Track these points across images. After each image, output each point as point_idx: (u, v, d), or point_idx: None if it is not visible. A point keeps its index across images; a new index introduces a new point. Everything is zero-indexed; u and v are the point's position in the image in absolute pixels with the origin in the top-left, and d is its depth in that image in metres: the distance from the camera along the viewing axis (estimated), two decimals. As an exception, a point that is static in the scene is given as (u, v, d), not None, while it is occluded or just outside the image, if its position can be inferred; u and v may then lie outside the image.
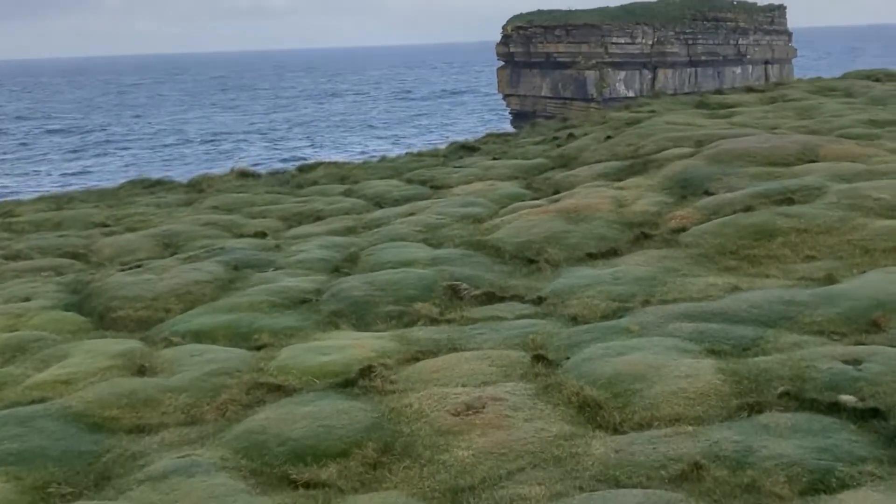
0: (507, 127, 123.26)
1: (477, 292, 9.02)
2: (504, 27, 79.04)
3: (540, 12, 79.94)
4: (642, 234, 10.16)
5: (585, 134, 16.17)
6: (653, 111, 17.50)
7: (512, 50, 78.82)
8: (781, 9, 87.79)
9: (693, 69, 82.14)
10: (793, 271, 8.72)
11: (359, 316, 8.64)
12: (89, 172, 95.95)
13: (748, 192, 10.69)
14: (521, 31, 77.81)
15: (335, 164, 17.79)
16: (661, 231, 10.18)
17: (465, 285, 9.18)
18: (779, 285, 8.23)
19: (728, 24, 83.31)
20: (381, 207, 13.67)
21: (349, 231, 12.23)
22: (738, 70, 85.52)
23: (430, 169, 15.57)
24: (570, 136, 16.17)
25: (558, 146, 15.80)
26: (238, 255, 10.79)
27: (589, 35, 76.24)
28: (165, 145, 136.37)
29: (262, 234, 12.53)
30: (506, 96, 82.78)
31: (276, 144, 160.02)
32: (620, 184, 12.16)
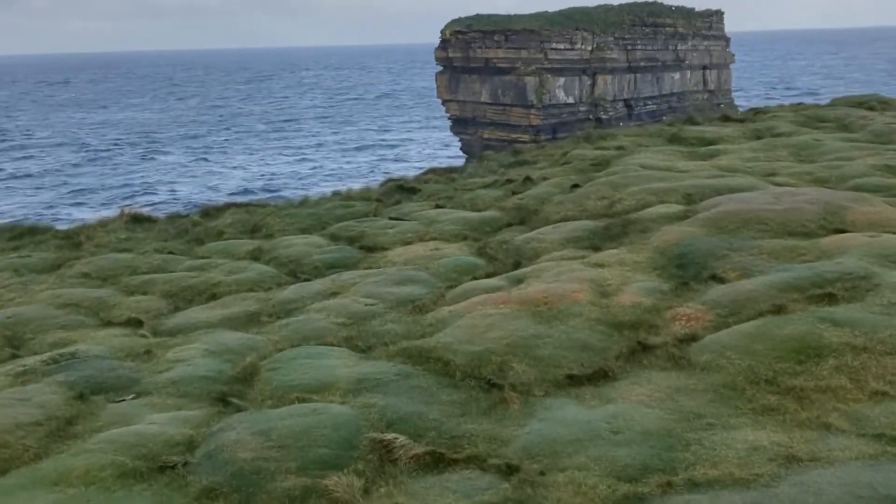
0: (447, 134, 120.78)
1: (418, 450, 6.23)
2: (443, 32, 76.36)
3: (479, 17, 77.48)
4: (639, 343, 7.45)
5: (545, 178, 13.47)
6: (621, 147, 14.92)
7: (451, 55, 76.19)
8: (719, 14, 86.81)
9: (632, 75, 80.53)
10: (863, 418, 6.11)
11: (244, 498, 5.78)
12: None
13: (771, 280, 8.07)
14: (459, 36, 75.22)
15: (246, 208, 14.77)
16: (664, 338, 7.48)
17: (400, 440, 6.38)
18: (855, 452, 5.62)
19: (667, 29, 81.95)
20: (297, 278, 10.77)
21: (250, 320, 9.31)
22: (677, 76, 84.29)
23: (360, 221, 12.69)
24: (527, 179, 13.43)
25: (514, 193, 13.05)
26: (90, 371, 7.78)
27: (528, 41, 74.03)
28: (82, 148, 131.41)
29: (137, 323, 9.55)
30: (445, 102, 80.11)
31: (195, 148, 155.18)
32: (598, 257, 9.43)
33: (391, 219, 12.89)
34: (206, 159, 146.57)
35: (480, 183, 14.43)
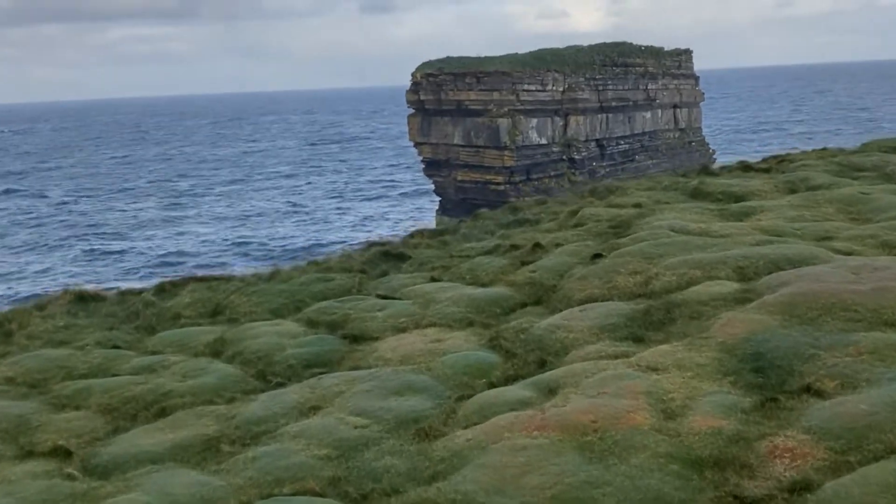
0: (420, 177, 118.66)
1: None
2: (413, 74, 74.99)
3: (449, 59, 76.20)
4: (734, 498, 5.43)
5: (557, 244, 11.46)
6: (638, 205, 13.00)
7: (422, 97, 74.76)
8: (688, 53, 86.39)
9: (604, 115, 79.58)
10: None
11: None
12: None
13: (889, 394, 6.10)
14: (431, 79, 73.86)
15: (208, 283, 12.58)
16: (766, 487, 5.47)
17: None
18: None
19: (637, 69, 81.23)
20: (267, 382, 8.64)
21: (207, 448, 7.17)
22: (648, 115, 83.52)
23: (342, 301, 10.57)
24: (537, 246, 11.42)
25: (522, 263, 11.02)
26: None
27: (500, 82, 72.82)
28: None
29: (64, 453, 7.40)
30: (417, 144, 78.56)
31: (161, 199, 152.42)
32: (647, 355, 7.41)
33: (379, 296, 10.78)
34: (172, 213, 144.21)
35: (479, 248, 12.38)
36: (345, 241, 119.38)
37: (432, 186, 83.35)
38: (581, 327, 8.42)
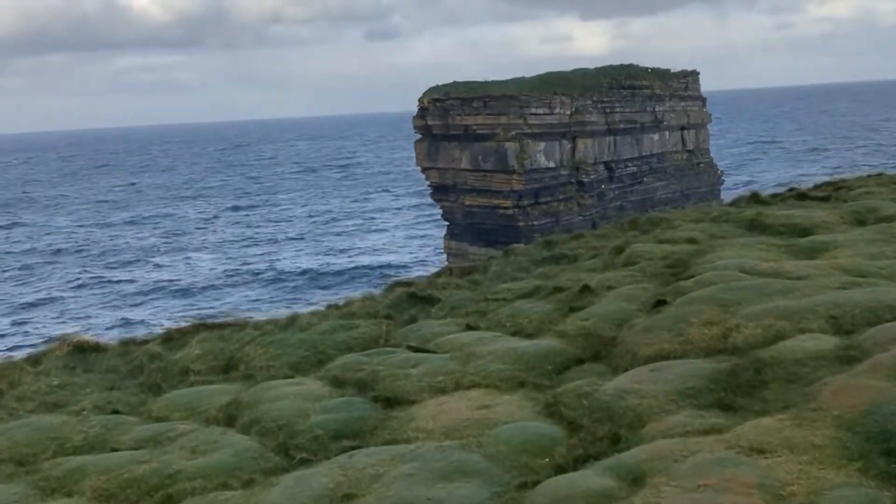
0: (426, 202, 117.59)
1: None
2: (420, 100, 74.20)
3: (456, 84, 75.43)
4: None
5: (608, 286, 10.19)
6: (693, 240, 11.73)
7: (429, 122, 73.93)
8: (695, 74, 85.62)
9: (612, 137, 78.65)
10: None
11: None
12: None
13: None
14: (437, 104, 73.06)
15: (220, 331, 11.32)
16: None
17: None
18: None
19: (644, 91, 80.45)
20: (290, 458, 7.38)
21: (223, 552, 5.94)
22: (656, 136, 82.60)
23: (369, 355, 9.32)
24: (586, 288, 10.17)
25: (571, 309, 9.76)
26: None
27: (507, 106, 71.96)
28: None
29: (52, 557, 6.16)
30: (424, 169, 77.66)
31: (168, 228, 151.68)
32: (746, 431, 6.14)
33: (410, 348, 9.51)
34: (178, 240, 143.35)
35: (516, 290, 11.11)
36: (354, 268, 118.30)
37: (440, 211, 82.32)
38: (655, 392, 7.14)
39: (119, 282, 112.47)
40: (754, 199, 14.64)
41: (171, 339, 11.69)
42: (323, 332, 10.57)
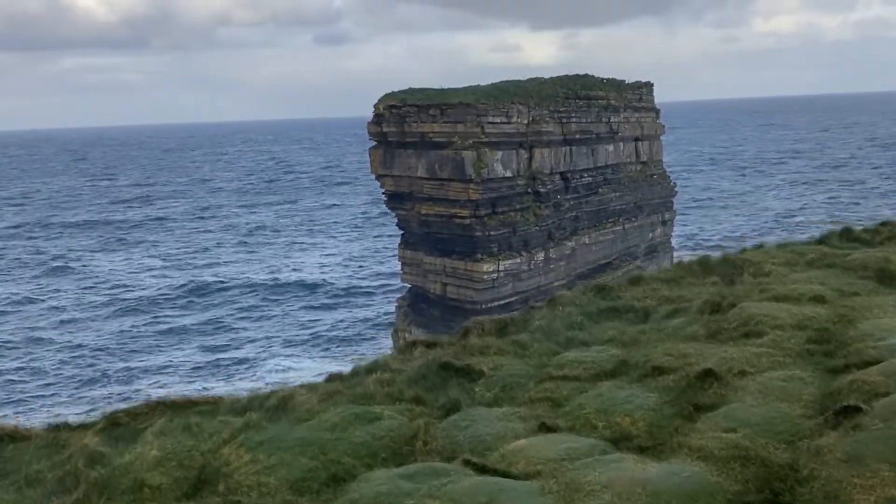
0: (378, 209, 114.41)
1: None
2: (376, 106, 70.89)
3: (412, 90, 72.32)
4: None
5: (741, 372, 7.17)
6: (821, 298, 8.87)
7: (385, 129, 70.66)
8: (649, 86, 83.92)
9: (568, 147, 76.33)
10: None
11: None
12: None
13: None
14: (393, 111, 69.83)
15: (184, 416, 8.12)
16: None
17: None
18: None
19: (600, 101, 78.35)
20: None
21: None
22: (611, 148, 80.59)
23: (411, 476, 6.23)
24: (709, 374, 7.15)
25: (697, 407, 6.73)
26: None
27: (464, 114, 69.04)
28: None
29: None
30: (379, 177, 74.30)
31: (106, 239, 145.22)
32: None
33: (470, 465, 6.43)
34: (117, 247, 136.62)
35: (590, 364, 8.12)
36: (308, 277, 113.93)
37: (395, 220, 79.11)
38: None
39: (52, 292, 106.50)
40: (847, 235, 11.85)
41: (118, 424, 8.43)
42: (333, 426, 7.42)
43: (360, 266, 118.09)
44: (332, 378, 8.90)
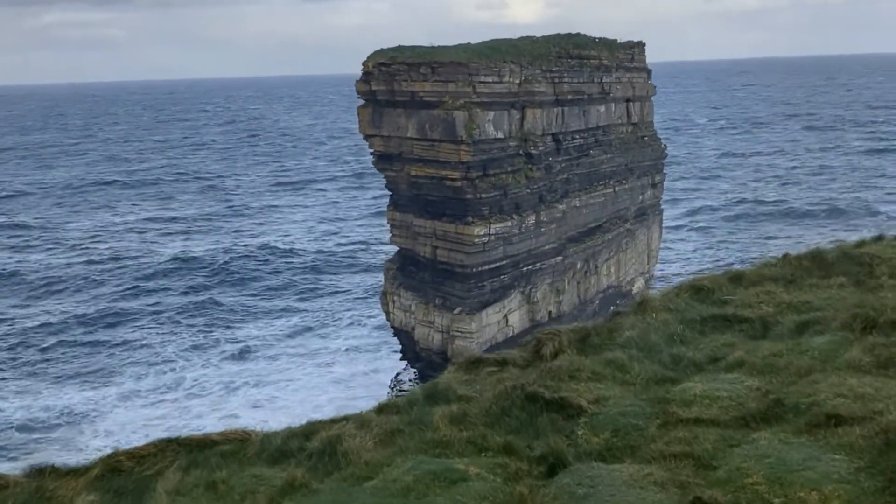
0: (367, 170, 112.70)
1: None
2: (365, 63, 68.17)
3: (402, 48, 69.58)
4: None
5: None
6: (804, 305, 6.99)
7: (374, 88, 68.03)
8: (641, 46, 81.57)
9: (560, 108, 74.04)
10: None
11: None
12: None
13: None
14: (383, 69, 67.12)
15: (203, 458, 6.21)
16: None
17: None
18: None
19: (592, 61, 75.96)
20: None
21: None
22: (602, 108, 78.43)
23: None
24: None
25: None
26: None
27: (456, 73, 66.47)
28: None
29: None
30: (367, 137, 71.76)
31: (89, 200, 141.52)
32: None
33: None
34: (95, 212, 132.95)
35: (725, 401, 6.08)
36: (295, 243, 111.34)
37: (383, 181, 76.80)
38: None
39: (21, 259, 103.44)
40: (859, 245, 9.92)
41: (118, 471, 6.46)
42: (405, 489, 5.49)
43: (337, 232, 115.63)
44: (386, 408, 6.96)
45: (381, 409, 6.96)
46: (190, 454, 6.55)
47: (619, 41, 79.56)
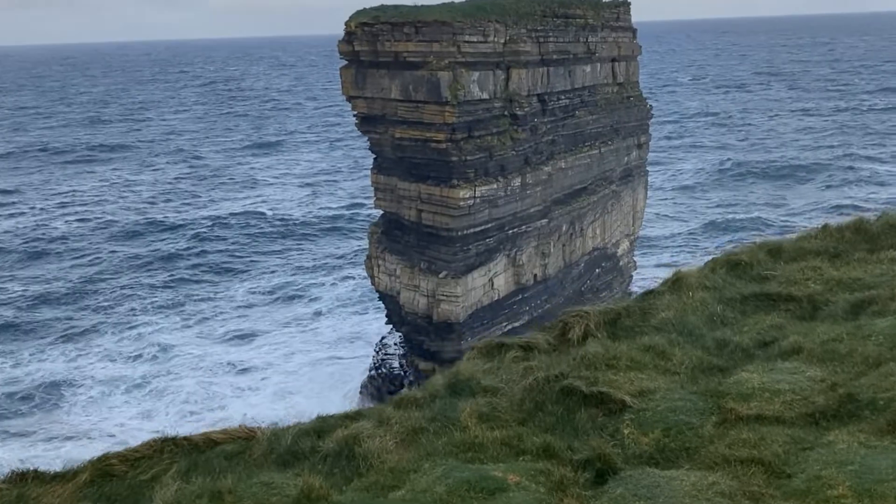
0: (349, 133, 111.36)
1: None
2: (347, 24, 66.60)
3: (385, 7, 68.01)
4: None
5: None
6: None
7: (357, 48, 66.55)
8: (626, 4, 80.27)
9: (545, 68, 72.86)
10: None
11: None
12: None
13: None
14: (366, 28, 65.61)
15: (204, 460, 5.52)
16: None
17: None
18: None
19: (577, 20, 74.65)
20: None
21: None
22: (588, 68, 77.28)
23: None
24: None
25: None
26: None
27: (440, 33, 65.06)
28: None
29: None
30: (350, 98, 70.41)
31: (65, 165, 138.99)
32: None
33: None
34: (58, 182, 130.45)
35: (786, 390, 5.44)
36: (278, 207, 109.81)
37: (367, 143, 75.60)
38: None
39: None
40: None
41: (110, 475, 5.75)
42: (437, 500, 4.80)
43: (319, 196, 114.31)
44: (404, 402, 6.25)
45: (399, 404, 6.25)
46: (189, 456, 5.84)
47: (604, 0, 78.30)
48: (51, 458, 49.58)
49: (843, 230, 9.13)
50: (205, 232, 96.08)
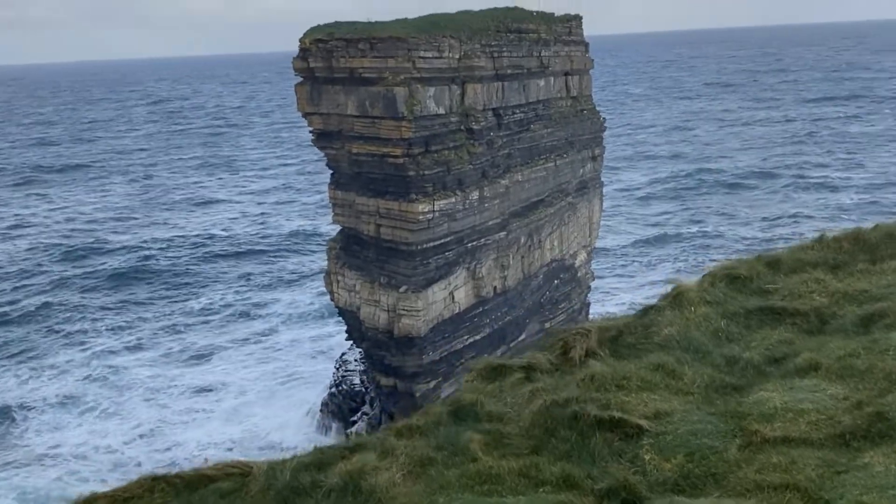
0: (306, 151, 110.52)
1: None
2: (301, 40, 66.07)
3: (339, 24, 67.67)
4: None
5: None
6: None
7: (312, 65, 66.05)
8: (578, 19, 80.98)
9: (500, 83, 73.07)
10: None
11: None
12: None
13: None
14: (321, 45, 65.15)
15: (194, 488, 5.12)
16: None
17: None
18: None
19: (531, 35, 75.08)
20: None
21: None
22: (542, 83, 77.72)
23: None
24: None
25: None
26: None
27: (395, 49, 64.86)
28: None
29: None
30: (306, 115, 69.80)
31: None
32: None
33: None
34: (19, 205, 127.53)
35: (810, 410, 5.18)
36: (232, 227, 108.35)
37: (324, 160, 74.98)
38: None
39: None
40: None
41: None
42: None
43: (270, 216, 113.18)
44: (407, 431, 5.89)
45: (400, 432, 5.89)
46: (182, 495, 5.40)
47: (556, 14, 78.85)
48: (4, 489, 47.94)
49: (840, 241, 8.98)
50: (157, 253, 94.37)
